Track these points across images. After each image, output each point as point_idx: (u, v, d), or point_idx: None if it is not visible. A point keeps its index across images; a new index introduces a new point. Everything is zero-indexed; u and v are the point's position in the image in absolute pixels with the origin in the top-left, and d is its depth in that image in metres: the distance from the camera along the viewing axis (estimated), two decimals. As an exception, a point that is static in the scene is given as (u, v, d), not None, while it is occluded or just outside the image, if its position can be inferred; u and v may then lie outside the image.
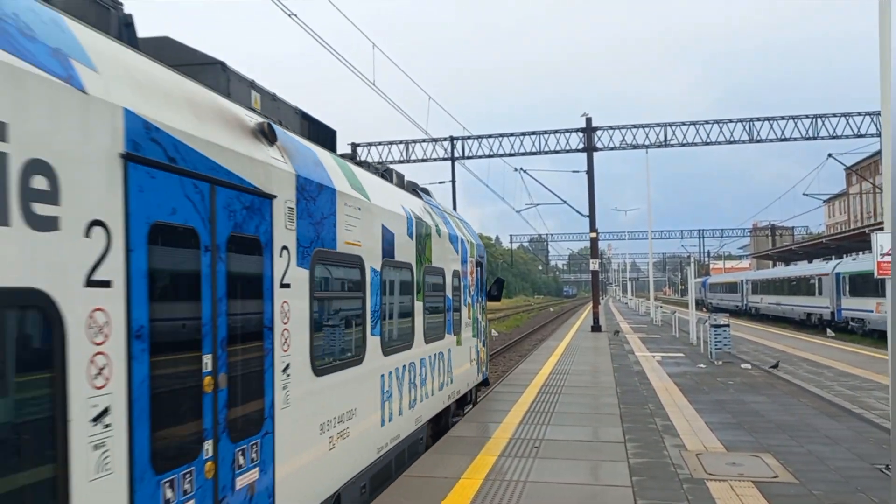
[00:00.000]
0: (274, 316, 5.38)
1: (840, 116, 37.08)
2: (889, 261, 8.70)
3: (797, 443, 10.17)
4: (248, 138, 5.26)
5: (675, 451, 9.68)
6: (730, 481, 8.16)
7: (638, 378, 17.51)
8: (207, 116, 4.78)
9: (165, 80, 4.49)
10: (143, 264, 3.86)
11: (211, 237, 4.54)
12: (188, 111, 4.53)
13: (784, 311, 52.41)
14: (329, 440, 6.47)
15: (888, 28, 8.44)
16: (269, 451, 5.26)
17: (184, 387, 4.29)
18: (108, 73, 3.80)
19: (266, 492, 5.19)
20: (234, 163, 4.87)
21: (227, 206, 4.73)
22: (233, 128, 5.11)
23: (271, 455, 5.30)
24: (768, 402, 13.84)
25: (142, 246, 3.85)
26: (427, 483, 8.03)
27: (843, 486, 7.94)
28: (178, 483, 4.13)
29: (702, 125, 38.57)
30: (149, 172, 3.93)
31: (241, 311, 4.92)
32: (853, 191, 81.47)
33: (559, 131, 39.53)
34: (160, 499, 3.96)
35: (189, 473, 4.23)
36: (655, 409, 12.92)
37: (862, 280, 35.06)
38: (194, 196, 4.36)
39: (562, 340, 30.49)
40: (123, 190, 3.72)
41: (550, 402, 13.62)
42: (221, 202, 4.67)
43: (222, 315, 4.64)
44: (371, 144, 41.34)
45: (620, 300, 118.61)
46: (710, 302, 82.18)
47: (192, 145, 4.37)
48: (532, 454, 9.36)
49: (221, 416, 4.60)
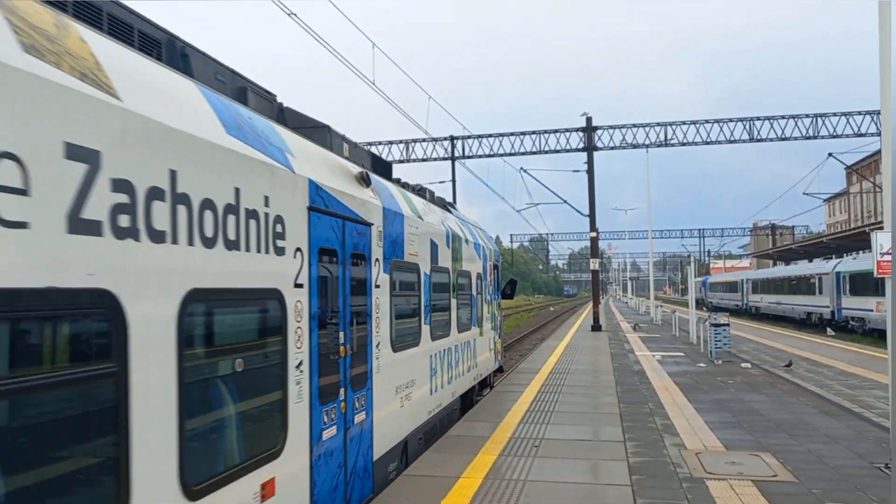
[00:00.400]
0: (371, 307, 7.74)
1: (840, 116, 37.10)
2: (889, 260, 8.72)
3: (797, 442, 10.18)
4: (355, 184, 7.54)
5: (675, 450, 9.70)
6: (729, 480, 8.17)
7: (638, 377, 17.52)
8: (336, 173, 7.10)
9: (318, 153, 6.89)
10: (315, 273, 6.10)
11: (343, 254, 6.87)
12: (329, 172, 6.84)
13: (784, 311, 52.41)
14: (400, 400, 8.87)
15: (888, 28, 8.45)
16: (369, 401, 7.59)
17: (333, 351, 6.56)
18: (298, 157, 6.12)
19: (368, 429, 7.52)
20: (352, 203, 7.21)
21: (350, 233, 7.10)
22: (349, 178, 7.47)
23: (371, 404, 7.63)
24: (768, 401, 13.85)
25: (315, 262, 6.11)
26: (427, 482, 8.05)
27: (842, 485, 7.96)
28: (329, 413, 6.37)
29: (702, 124, 38.60)
30: (318, 216, 6.21)
31: (356, 303, 7.23)
32: (853, 190, 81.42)
33: (559, 131, 39.57)
34: (321, 421, 6.17)
35: (333, 408, 6.51)
36: (655, 409, 12.94)
37: (862, 279, 35.07)
38: (336, 229, 6.71)
39: (562, 340, 30.51)
40: (307, 228, 5.98)
41: (550, 401, 13.64)
42: (348, 231, 7.03)
43: (348, 305, 6.96)
44: (371, 144, 41.34)
45: (621, 299, 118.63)
46: (710, 301, 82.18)
47: (335, 195, 6.71)
48: (532, 453, 9.38)
49: (348, 373, 6.91)
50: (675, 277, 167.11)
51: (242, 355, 4.99)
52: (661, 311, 46.64)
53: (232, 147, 4.83)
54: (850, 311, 38.66)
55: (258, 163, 5.15)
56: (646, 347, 26.43)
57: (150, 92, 4.16)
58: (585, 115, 37.72)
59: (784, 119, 37.78)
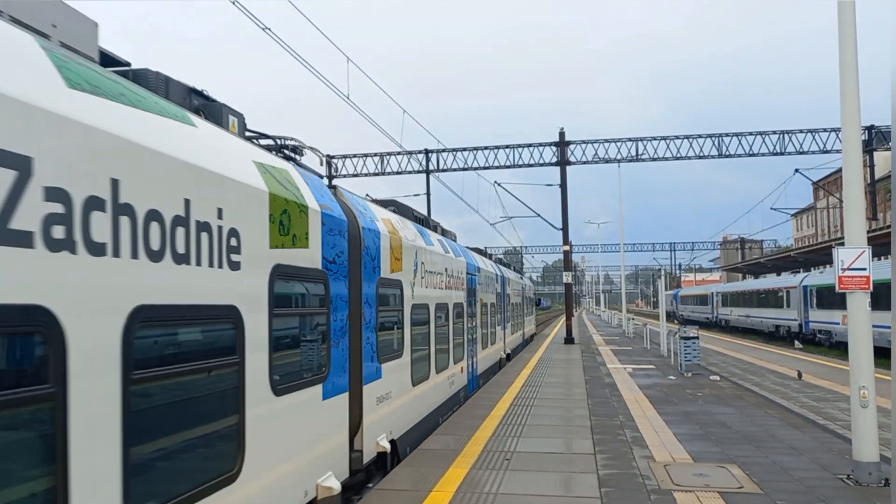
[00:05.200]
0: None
1: (806, 133, 37.88)
2: (851, 275, 8.95)
3: (762, 453, 10.36)
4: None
5: (644, 462, 9.82)
6: (696, 492, 8.30)
7: (609, 390, 17.68)
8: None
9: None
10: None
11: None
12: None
13: (753, 324, 53.17)
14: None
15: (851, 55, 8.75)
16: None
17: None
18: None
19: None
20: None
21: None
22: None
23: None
24: (735, 413, 14.06)
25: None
26: (398, 496, 8.06)
27: (805, 497, 8.12)
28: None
29: (672, 140, 39.16)
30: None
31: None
32: (820, 205, 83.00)
33: (532, 145, 39.89)
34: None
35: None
36: (626, 421, 13.07)
37: (829, 293, 35.71)
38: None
39: (535, 353, 30.64)
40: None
41: (523, 413, 13.72)
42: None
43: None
44: (346, 157, 41.35)
45: (594, 312, 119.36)
46: (681, 314, 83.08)
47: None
48: (503, 466, 9.44)
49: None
50: (648, 290, 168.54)
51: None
52: (632, 324, 47.04)
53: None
54: (818, 324, 39.35)
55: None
56: (617, 360, 26.65)
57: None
58: (561, 130, 38.14)
59: (752, 135, 38.48)
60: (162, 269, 4.26)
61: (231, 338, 5.19)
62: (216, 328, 5.04)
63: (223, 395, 5.04)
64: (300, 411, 6.43)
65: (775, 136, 38.22)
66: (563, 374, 21.41)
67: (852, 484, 8.62)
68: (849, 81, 8.87)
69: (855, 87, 8.85)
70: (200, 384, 4.80)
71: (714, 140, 38.77)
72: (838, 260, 8.99)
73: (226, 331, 5.14)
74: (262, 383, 5.59)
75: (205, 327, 4.93)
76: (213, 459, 4.89)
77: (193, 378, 4.68)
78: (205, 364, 4.83)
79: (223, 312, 5.03)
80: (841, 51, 8.84)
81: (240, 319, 5.24)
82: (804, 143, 37.86)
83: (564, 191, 36.84)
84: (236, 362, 5.21)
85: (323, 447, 7.05)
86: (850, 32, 8.79)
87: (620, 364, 24.97)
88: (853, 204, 9.01)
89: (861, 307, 8.89)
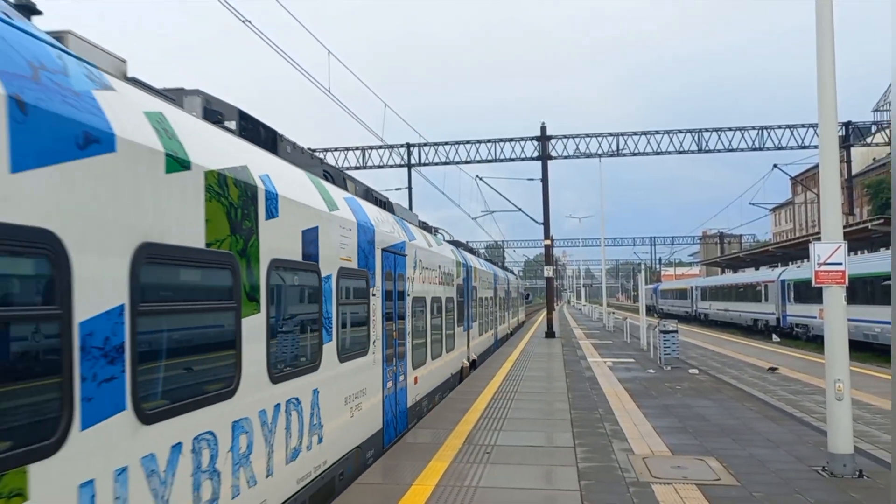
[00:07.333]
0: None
1: (785, 128, 38.27)
2: (826, 270, 9.06)
3: (740, 446, 10.48)
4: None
5: (623, 455, 9.90)
6: (674, 484, 8.39)
7: (589, 383, 17.80)
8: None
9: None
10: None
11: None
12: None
13: (731, 317, 53.73)
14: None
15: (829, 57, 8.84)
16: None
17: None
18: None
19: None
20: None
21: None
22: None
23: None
24: (714, 406, 14.22)
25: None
26: (379, 489, 8.08)
27: (782, 488, 8.23)
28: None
29: (653, 135, 39.39)
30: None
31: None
32: (798, 200, 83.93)
33: (514, 139, 39.94)
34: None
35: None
36: (605, 414, 13.17)
37: (806, 287, 36.15)
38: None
39: (516, 347, 30.76)
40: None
41: (504, 407, 13.78)
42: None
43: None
44: (327, 150, 41.14)
45: (575, 306, 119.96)
46: (661, 308, 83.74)
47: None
48: (484, 460, 9.48)
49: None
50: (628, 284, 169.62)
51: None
52: (613, 318, 47.37)
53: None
54: (795, 318, 39.83)
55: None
56: (598, 354, 26.82)
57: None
58: (542, 124, 38.24)
59: (731, 131, 38.81)
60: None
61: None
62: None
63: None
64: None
65: (754, 131, 38.59)
66: (544, 368, 21.52)
67: (827, 476, 8.76)
68: (826, 79, 8.97)
69: (832, 84, 8.95)
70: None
71: (694, 135, 39.08)
72: (815, 255, 9.09)
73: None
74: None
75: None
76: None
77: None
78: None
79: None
80: (819, 49, 8.93)
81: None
82: (782, 138, 38.27)
83: (546, 185, 36.95)
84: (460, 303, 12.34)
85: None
86: (827, 31, 8.89)
87: (601, 358, 25.14)
88: (830, 200, 9.13)
89: (837, 301, 9.00)
